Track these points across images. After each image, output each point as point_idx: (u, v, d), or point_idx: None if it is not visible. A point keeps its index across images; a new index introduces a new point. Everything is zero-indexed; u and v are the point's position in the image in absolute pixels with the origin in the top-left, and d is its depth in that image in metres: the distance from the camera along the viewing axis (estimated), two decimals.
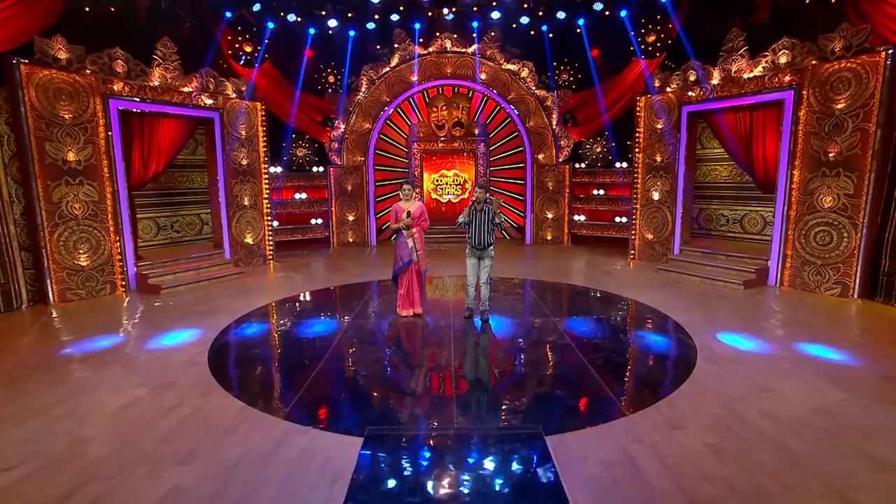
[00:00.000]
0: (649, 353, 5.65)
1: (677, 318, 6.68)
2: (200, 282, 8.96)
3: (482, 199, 6.43)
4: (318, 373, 4.96)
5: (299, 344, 6.04)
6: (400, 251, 6.71)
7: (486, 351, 5.76)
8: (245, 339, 6.19)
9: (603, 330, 6.47)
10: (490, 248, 6.52)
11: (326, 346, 5.74)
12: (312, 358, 5.38)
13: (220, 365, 5.23)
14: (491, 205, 6.44)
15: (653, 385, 4.68)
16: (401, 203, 6.78)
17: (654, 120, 10.33)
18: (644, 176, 10.70)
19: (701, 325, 6.37)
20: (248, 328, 6.56)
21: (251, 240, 10.57)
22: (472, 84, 12.98)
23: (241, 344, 6.01)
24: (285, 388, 4.75)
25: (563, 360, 5.34)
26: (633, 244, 11.08)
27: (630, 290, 8.36)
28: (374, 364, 5.29)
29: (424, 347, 5.93)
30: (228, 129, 9.96)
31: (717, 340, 5.79)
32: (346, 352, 5.66)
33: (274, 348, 5.95)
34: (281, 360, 5.59)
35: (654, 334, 6.24)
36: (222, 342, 5.96)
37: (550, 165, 13.18)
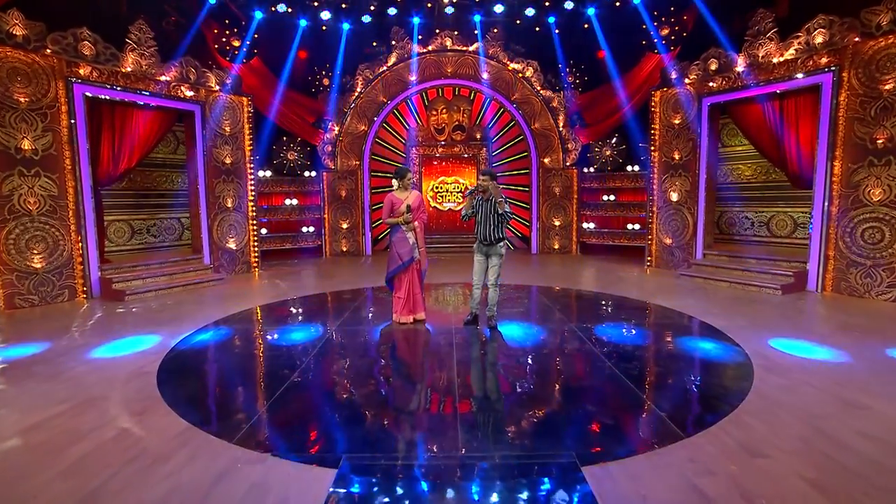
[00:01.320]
0: (693, 360, 4.71)
1: (716, 324, 5.75)
2: (173, 288, 8.04)
3: (484, 188, 5.59)
4: (288, 387, 4.01)
5: (272, 354, 5.10)
6: (398, 248, 5.81)
7: (497, 360, 4.82)
8: (208, 347, 5.25)
9: (632, 336, 5.53)
10: (499, 244, 5.62)
11: (304, 357, 4.80)
12: (285, 370, 4.44)
13: (172, 376, 4.28)
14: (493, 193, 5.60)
15: (707, 399, 3.74)
16: (396, 193, 5.93)
17: (671, 115, 9.56)
18: (661, 175, 9.89)
19: (745, 331, 5.44)
20: (215, 336, 5.63)
21: (234, 245, 9.69)
22: (474, 84, 12.28)
23: (201, 353, 5.07)
24: (245, 404, 3.79)
25: (591, 371, 4.40)
26: (650, 250, 10.20)
27: (654, 295, 7.45)
28: (360, 377, 4.35)
29: (423, 357, 5.00)
30: (210, 125, 9.17)
31: (770, 347, 4.86)
32: (327, 363, 4.72)
33: (240, 358, 5.00)
34: (246, 371, 4.64)
35: (693, 340, 5.31)
36: (180, 351, 5.01)
37: (557, 170, 12.39)
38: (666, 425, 3.24)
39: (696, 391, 3.95)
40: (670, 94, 9.54)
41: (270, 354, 5.05)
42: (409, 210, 5.72)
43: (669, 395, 3.85)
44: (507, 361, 4.75)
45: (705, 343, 5.16)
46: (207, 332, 5.75)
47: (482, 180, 5.63)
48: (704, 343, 5.16)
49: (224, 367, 4.72)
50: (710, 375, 4.33)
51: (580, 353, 4.89)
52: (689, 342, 5.28)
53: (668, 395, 3.86)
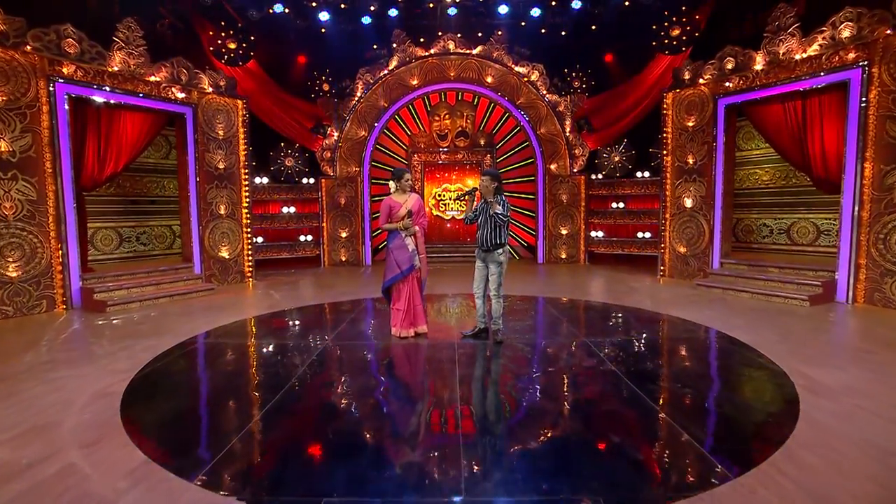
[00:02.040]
0: (725, 381, 4.20)
1: (743, 339, 5.24)
2: (160, 298, 7.59)
3: (487, 189, 5.19)
4: (267, 412, 3.53)
5: (254, 373, 4.61)
6: (397, 256, 5.36)
7: (505, 381, 4.33)
8: (185, 365, 4.78)
9: (653, 353, 5.03)
10: (496, 251, 5.18)
11: (289, 377, 4.32)
12: (266, 392, 3.97)
13: (138, 399, 3.81)
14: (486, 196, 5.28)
15: (751, 428, 3.24)
16: (394, 196, 5.49)
17: (685, 117, 9.12)
18: (674, 181, 9.42)
19: (777, 346, 4.94)
20: (195, 352, 5.16)
21: (227, 253, 9.25)
22: (478, 88, 11.90)
23: (177, 372, 4.59)
24: (215, 433, 3.31)
25: (612, 393, 3.90)
26: (663, 259, 9.70)
27: (670, 307, 6.95)
28: (349, 402, 3.86)
29: (423, 377, 4.51)
30: (203, 128, 8.79)
31: (809, 365, 4.35)
32: (314, 385, 4.23)
33: (218, 378, 4.52)
34: (222, 393, 4.16)
35: (721, 357, 4.80)
36: (153, 369, 4.54)
37: (564, 176, 11.95)
38: (707, 462, 2.74)
39: (736, 418, 3.44)
40: (683, 95, 9.11)
41: (252, 374, 4.57)
42: (409, 215, 5.29)
43: (706, 422, 3.35)
44: (515, 382, 4.25)
45: (735, 362, 4.65)
46: (187, 348, 5.28)
47: (483, 182, 5.22)
48: (734, 362, 4.65)
49: (198, 389, 4.24)
50: (749, 399, 3.82)
51: (597, 371, 4.40)
52: (717, 359, 4.77)
53: (704, 422, 3.35)
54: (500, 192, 5.23)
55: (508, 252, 5.26)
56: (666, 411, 3.47)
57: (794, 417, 3.28)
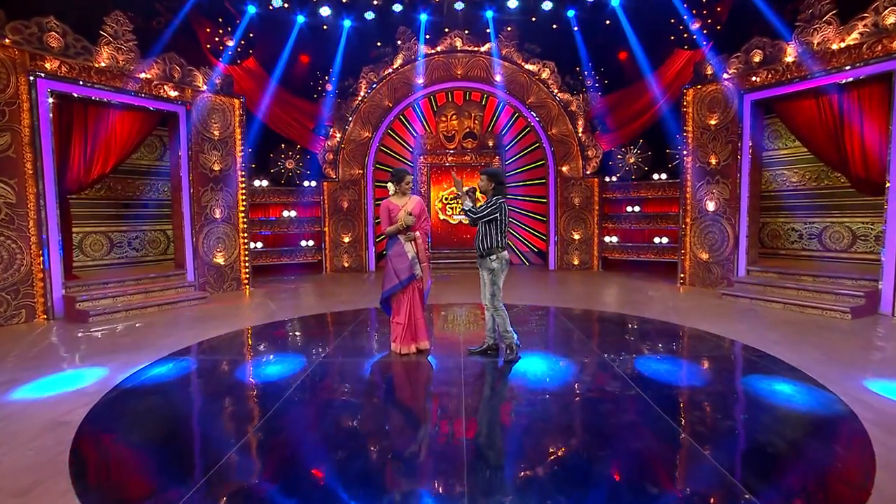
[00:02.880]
0: (774, 410, 3.63)
1: (784, 358, 4.67)
2: (148, 308, 7.14)
3: (485, 190, 4.81)
4: (241, 448, 3.03)
5: (233, 397, 4.11)
6: (396, 264, 4.87)
7: (517, 409, 3.79)
8: (159, 386, 4.29)
9: (683, 374, 4.48)
10: (489, 256, 4.69)
11: (272, 402, 3.81)
12: (243, 422, 3.47)
13: (97, 429, 3.33)
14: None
15: (819, 475, 2.68)
16: (393, 199, 5.01)
17: (707, 115, 8.55)
18: (695, 183, 8.85)
19: (826, 367, 4.36)
20: (173, 370, 4.67)
21: (222, 260, 8.80)
22: (486, 87, 11.41)
23: (147, 394, 4.10)
24: (179, 475, 2.80)
25: (642, 429, 3.35)
26: (683, 266, 9.12)
27: (696, 319, 6.38)
28: (337, 435, 3.35)
29: (424, 405, 4.00)
30: (197, 128, 8.36)
31: (870, 391, 3.78)
32: (298, 413, 3.73)
33: (192, 403, 4.03)
34: (193, 422, 3.67)
35: (764, 380, 4.23)
36: (123, 391, 4.06)
37: (576, 179, 11.40)
38: None
39: (798, 461, 2.88)
40: (705, 91, 8.55)
41: (231, 398, 4.06)
42: (410, 221, 4.80)
43: (763, 467, 2.79)
44: (530, 410, 3.71)
45: (781, 385, 4.08)
46: (167, 363, 4.80)
47: (480, 180, 4.80)
48: (780, 385, 4.08)
49: (167, 416, 3.74)
50: (807, 434, 3.25)
51: (623, 396, 3.85)
52: (759, 383, 4.20)
53: (761, 467, 2.79)
54: (501, 194, 4.76)
55: (504, 259, 4.74)
56: (711, 450, 2.92)
57: (869, 461, 2.72)
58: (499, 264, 4.70)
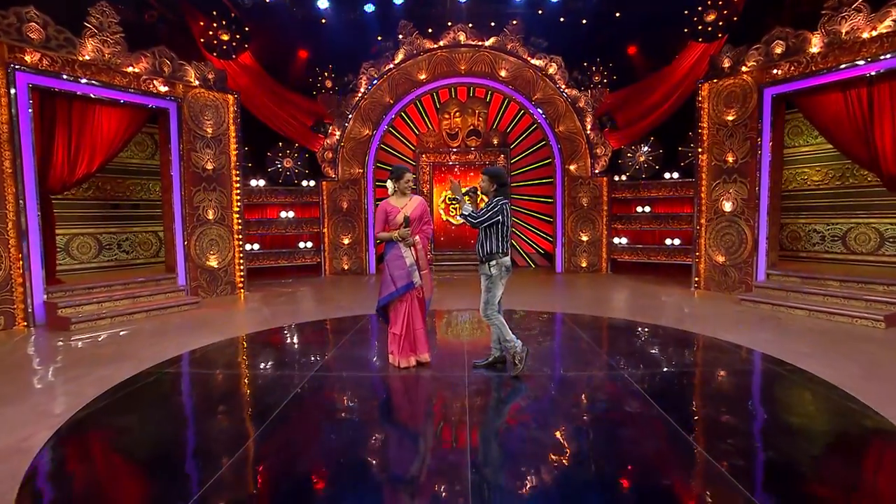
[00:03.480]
0: (815, 438, 3.22)
1: (818, 373, 4.25)
2: (136, 314, 6.78)
3: (486, 191, 4.46)
4: (217, 484, 2.64)
5: (219, 415, 3.73)
6: (392, 270, 4.49)
7: (523, 433, 3.39)
8: (137, 404, 3.91)
9: (709, 391, 4.07)
10: (489, 262, 4.34)
11: (259, 421, 3.44)
12: (219, 453, 3.09)
13: (55, 462, 2.95)
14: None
15: None
16: (392, 200, 4.64)
17: (723, 111, 8.13)
18: (710, 182, 8.43)
19: (869, 386, 3.94)
20: (152, 386, 4.29)
21: (216, 263, 8.44)
22: (491, 83, 11.00)
23: (124, 412, 3.73)
24: None
25: (671, 458, 2.95)
26: (697, 269, 8.70)
27: (715, 327, 5.96)
28: (328, 461, 2.96)
29: (424, 424, 3.60)
30: (189, 125, 8.00)
31: None
32: (280, 442, 3.34)
33: (166, 428, 3.65)
34: (172, 447, 3.29)
35: (800, 401, 3.81)
36: (93, 411, 3.69)
37: (584, 178, 10.99)
38: None
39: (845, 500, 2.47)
40: (722, 86, 8.12)
41: (214, 420, 3.68)
42: (406, 223, 4.42)
43: None
44: (542, 437, 3.31)
45: (821, 406, 3.67)
46: (147, 378, 4.43)
47: (481, 181, 4.46)
48: (820, 406, 3.67)
49: (139, 442, 3.36)
50: (867, 469, 2.84)
51: (645, 419, 3.45)
52: (796, 403, 3.79)
53: None
54: (503, 195, 4.40)
55: (504, 266, 4.35)
56: (742, 481, 2.51)
57: None
58: (497, 270, 4.33)
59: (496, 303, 4.44)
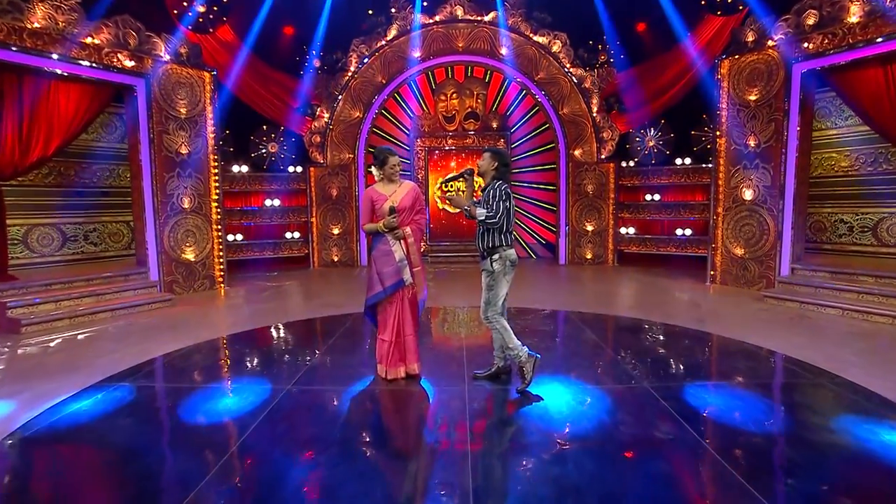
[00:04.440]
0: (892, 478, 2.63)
1: (872, 387, 3.65)
2: (100, 313, 6.13)
3: (485, 171, 3.87)
4: None
5: (172, 444, 3.11)
6: (380, 266, 3.89)
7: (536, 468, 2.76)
8: (77, 429, 3.27)
9: (749, 410, 3.45)
10: (492, 256, 3.74)
11: (220, 452, 2.81)
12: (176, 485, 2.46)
13: None
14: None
15: None
16: (377, 187, 4.01)
17: (745, 89, 7.45)
18: (728, 168, 7.78)
19: None
20: (102, 403, 3.65)
21: (192, 255, 7.76)
22: (490, 61, 10.26)
23: (59, 440, 3.09)
24: None
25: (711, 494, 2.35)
26: (713, 262, 8.08)
27: (740, 329, 5.36)
28: None
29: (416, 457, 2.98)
30: (160, 104, 7.27)
31: None
32: (252, 469, 2.72)
33: (116, 454, 3.02)
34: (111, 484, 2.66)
35: (858, 423, 3.20)
36: (26, 437, 3.06)
37: (590, 164, 10.32)
38: None
39: None
40: (744, 62, 7.44)
41: (163, 451, 3.06)
42: (393, 213, 3.81)
43: None
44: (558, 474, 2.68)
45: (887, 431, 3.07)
46: (96, 393, 3.79)
47: (480, 161, 3.88)
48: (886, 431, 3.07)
49: (72, 479, 2.74)
50: None
51: (680, 447, 2.85)
52: (854, 426, 3.18)
53: None
54: (504, 178, 3.79)
55: (509, 260, 3.75)
56: None
57: None
58: (500, 265, 3.71)
59: (500, 304, 3.83)
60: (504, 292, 3.84)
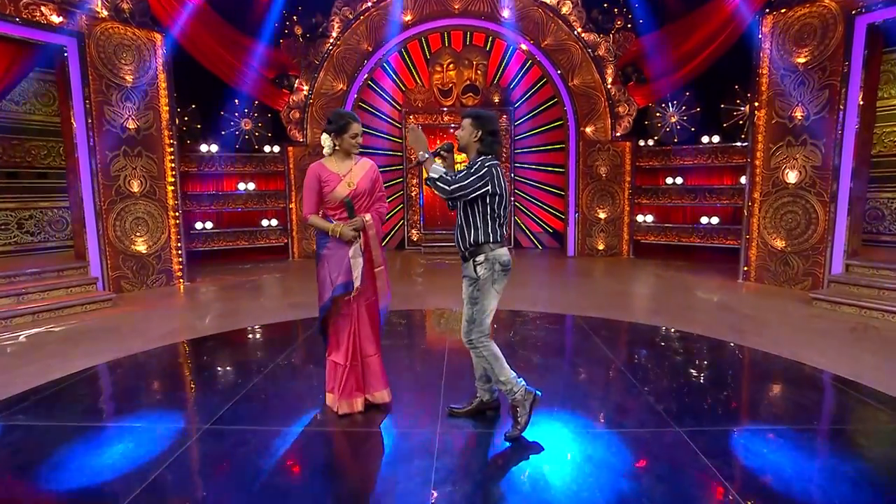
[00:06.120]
0: None
1: None
2: (17, 317, 5.16)
3: (466, 145, 2.87)
4: None
5: None
6: (330, 265, 2.93)
7: None
8: None
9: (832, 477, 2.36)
10: (471, 262, 2.74)
11: None
12: None
13: None
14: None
15: None
16: (326, 163, 3.01)
17: (793, 50, 6.22)
18: (768, 145, 6.59)
19: None
20: None
21: (144, 247, 6.75)
22: (491, 25, 9.03)
23: None
24: None
25: None
26: (747, 256, 6.93)
27: (790, 342, 4.28)
28: None
29: None
30: (99, 69, 6.20)
31: None
32: None
33: None
34: None
35: None
36: None
37: (603, 143, 9.12)
38: None
39: None
40: (792, 17, 6.20)
41: None
42: (350, 206, 2.83)
43: None
44: None
45: None
46: None
47: (459, 131, 2.86)
48: None
49: None
50: None
51: None
52: None
53: None
54: (493, 152, 2.73)
55: (500, 261, 2.72)
56: None
57: None
58: (487, 270, 2.68)
59: (487, 322, 2.78)
60: (493, 306, 2.80)
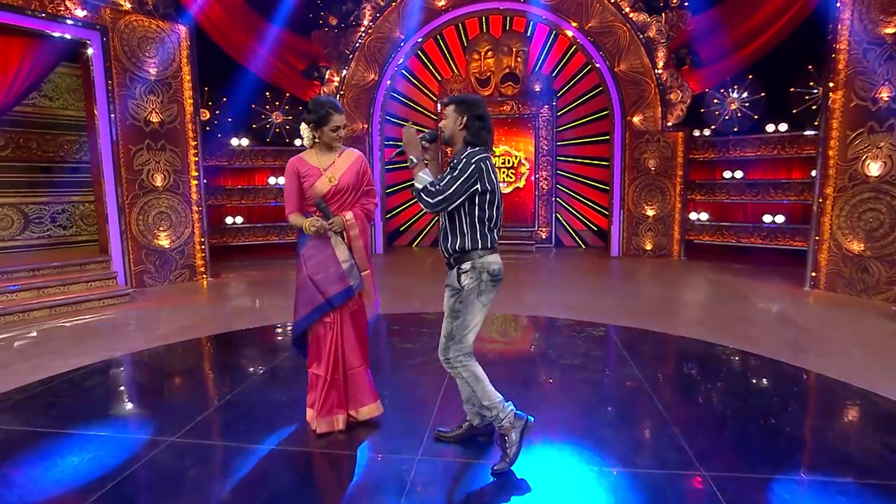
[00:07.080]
0: None
1: None
2: (35, 311, 5.17)
3: (451, 135, 2.42)
4: None
5: None
6: (312, 269, 2.64)
7: None
8: None
9: None
10: (455, 270, 2.34)
11: None
12: None
13: None
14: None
15: None
16: (306, 157, 2.74)
17: (879, 21, 5.29)
18: (845, 133, 5.68)
19: None
20: None
21: (167, 242, 6.71)
22: (531, 8, 8.41)
23: None
24: None
25: None
26: (816, 260, 6.04)
27: (871, 368, 3.56)
28: None
29: None
30: (123, 63, 6.16)
31: None
32: None
33: None
34: None
35: None
36: None
37: (653, 133, 8.33)
38: None
39: None
40: None
41: None
42: (322, 204, 2.60)
43: None
44: None
45: None
46: None
47: (443, 120, 2.43)
48: None
49: None
50: None
51: None
52: None
53: None
54: (481, 143, 2.27)
55: (489, 270, 2.31)
56: None
57: None
58: (473, 280, 2.27)
59: (470, 339, 2.34)
60: (477, 321, 2.36)
